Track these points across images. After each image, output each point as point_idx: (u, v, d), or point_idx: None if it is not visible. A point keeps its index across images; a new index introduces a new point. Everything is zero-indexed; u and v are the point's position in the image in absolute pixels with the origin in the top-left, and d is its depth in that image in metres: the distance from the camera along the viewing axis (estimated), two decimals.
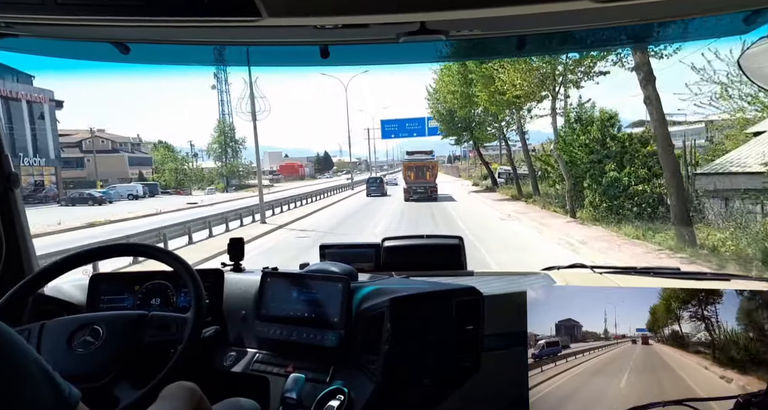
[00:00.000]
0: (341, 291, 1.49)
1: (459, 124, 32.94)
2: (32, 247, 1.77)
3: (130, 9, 1.10)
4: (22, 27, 1.29)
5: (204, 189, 61.21)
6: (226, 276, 1.75)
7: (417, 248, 2.22)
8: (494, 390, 1.47)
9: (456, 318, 1.41)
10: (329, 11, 1.14)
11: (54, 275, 1.44)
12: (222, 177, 66.76)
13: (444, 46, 1.68)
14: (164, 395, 1.09)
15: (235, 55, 1.74)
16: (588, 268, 1.99)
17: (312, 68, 1.87)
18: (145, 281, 1.73)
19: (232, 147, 69.58)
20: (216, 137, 69.75)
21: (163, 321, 1.42)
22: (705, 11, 1.36)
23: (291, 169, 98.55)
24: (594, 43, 1.79)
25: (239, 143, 70.91)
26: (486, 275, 2.07)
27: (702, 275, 1.80)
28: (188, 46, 1.56)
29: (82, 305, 1.70)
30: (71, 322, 1.40)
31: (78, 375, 1.26)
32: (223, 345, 1.62)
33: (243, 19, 1.13)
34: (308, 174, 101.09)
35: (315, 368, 1.44)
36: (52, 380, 0.74)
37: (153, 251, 1.49)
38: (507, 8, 1.13)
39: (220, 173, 67.76)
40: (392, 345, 1.33)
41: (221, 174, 67.62)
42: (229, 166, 67.90)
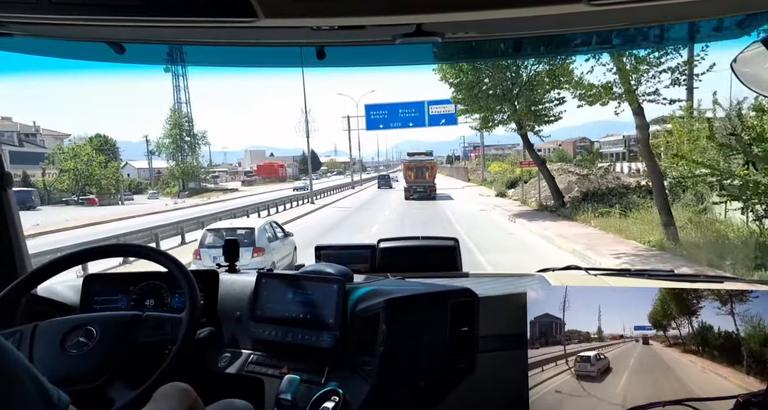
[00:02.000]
0: (336, 292, 1.49)
1: (492, 90, 18.93)
2: (25, 247, 1.76)
3: (126, 9, 1.10)
4: (16, 26, 1.29)
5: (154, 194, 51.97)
6: (221, 277, 1.75)
7: (412, 249, 2.22)
8: (494, 391, 1.47)
9: (451, 319, 1.41)
10: (325, 12, 1.14)
11: (47, 275, 1.43)
12: (176, 179, 55.49)
13: (440, 48, 1.68)
14: (158, 396, 1.09)
15: (232, 56, 1.73)
16: (583, 270, 2.00)
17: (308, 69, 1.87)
18: (139, 282, 1.72)
19: (189, 143, 57.18)
20: (169, 130, 56.50)
21: (157, 322, 1.42)
22: (700, 15, 1.37)
23: (269, 169, 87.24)
24: (589, 46, 1.80)
25: (198, 138, 58.45)
26: (481, 276, 2.08)
27: (695, 277, 1.81)
28: (184, 47, 1.55)
29: (75, 306, 1.69)
30: (64, 323, 1.39)
31: (71, 376, 1.25)
32: (218, 346, 1.62)
33: (239, 19, 1.13)
34: (291, 175, 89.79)
35: (310, 369, 1.44)
36: (41, 386, 0.74)
37: (147, 252, 1.48)
38: (502, 11, 1.13)
39: (172, 174, 55.88)
40: (387, 346, 1.33)
41: (173, 175, 55.79)
42: (182, 166, 55.63)
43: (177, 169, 55.64)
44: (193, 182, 56.50)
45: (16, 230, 1.71)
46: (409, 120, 40.78)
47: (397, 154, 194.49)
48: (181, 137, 56.51)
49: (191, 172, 56.09)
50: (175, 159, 56.31)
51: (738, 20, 1.41)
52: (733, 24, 1.43)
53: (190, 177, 56.15)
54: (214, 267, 1.85)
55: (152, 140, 59.05)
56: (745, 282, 1.85)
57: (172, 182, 55.72)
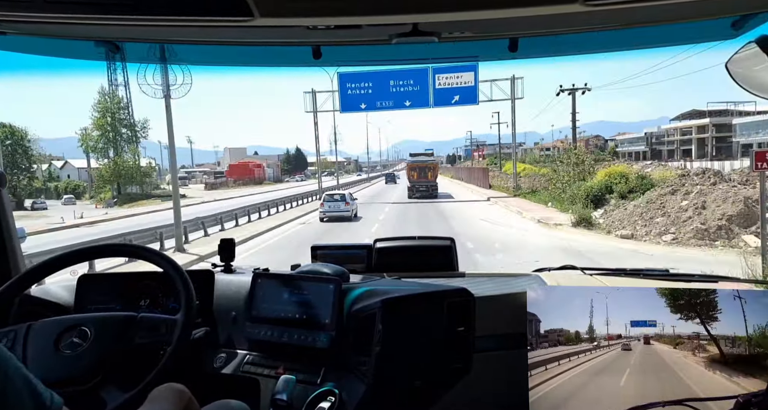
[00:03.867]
0: (333, 292, 1.48)
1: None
2: (19, 247, 1.75)
3: (120, 7, 1.09)
4: (9, 25, 1.28)
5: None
6: (217, 277, 1.74)
7: (409, 249, 2.22)
8: (494, 390, 1.47)
9: (447, 319, 1.41)
10: (322, 12, 1.14)
11: (41, 276, 1.43)
12: (110, 182, 43.18)
13: (436, 47, 1.68)
14: (153, 397, 1.09)
15: (227, 55, 1.73)
16: (578, 270, 2.00)
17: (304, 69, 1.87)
18: (134, 282, 1.71)
19: (125, 136, 44.03)
20: (97, 119, 42.82)
21: (152, 323, 1.41)
22: (694, 16, 1.38)
23: (243, 170, 73.85)
24: (585, 46, 1.80)
25: (138, 129, 44.75)
26: (477, 276, 2.08)
27: (690, 276, 1.82)
28: (179, 46, 1.55)
29: (69, 307, 1.68)
30: (59, 323, 1.38)
31: (65, 377, 1.24)
32: (213, 346, 1.61)
33: (235, 19, 1.13)
34: (272, 177, 78.62)
35: (306, 369, 1.43)
36: (34, 389, 0.73)
37: (142, 252, 1.48)
38: (498, 11, 1.14)
39: (101, 176, 43.43)
40: (384, 346, 1.32)
41: (102, 177, 43.22)
42: (115, 165, 42.66)
43: (106, 169, 42.87)
44: (134, 185, 44.06)
45: (10, 230, 1.70)
46: (405, 97, 26.73)
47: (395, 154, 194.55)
48: (114, 129, 43.09)
49: (128, 173, 42.78)
50: (107, 156, 43.70)
51: (732, 21, 1.42)
52: (727, 25, 1.44)
53: (127, 180, 43.19)
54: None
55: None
56: (740, 282, 1.86)
57: (106, 185, 44.02)
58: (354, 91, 27.58)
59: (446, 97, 27.21)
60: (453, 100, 27.47)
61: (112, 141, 43.33)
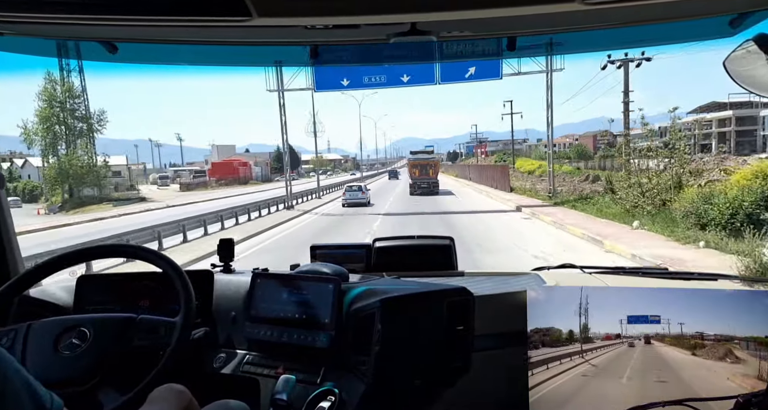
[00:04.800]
0: (332, 292, 1.48)
1: None
2: (18, 248, 1.75)
3: (118, 8, 1.09)
4: (6, 25, 1.28)
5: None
6: (216, 277, 1.74)
7: (408, 248, 2.22)
8: (493, 390, 1.48)
9: (447, 318, 1.41)
10: (319, 11, 1.14)
11: (40, 276, 1.42)
12: (59, 184, 36.67)
13: (434, 46, 1.68)
14: (153, 397, 1.09)
15: (225, 54, 1.73)
16: (577, 268, 2.01)
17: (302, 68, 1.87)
18: (134, 283, 1.71)
19: (77, 130, 37.33)
20: (43, 109, 35.74)
21: (151, 325, 1.41)
22: (692, 14, 1.38)
23: (227, 169, 67.99)
24: (583, 45, 1.81)
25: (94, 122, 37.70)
26: (477, 275, 2.08)
27: (689, 274, 1.83)
28: (177, 46, 1.54)
29: (68, 307, 1.67)
30: (58, 323, 1.38)
31: (63, 378, 1.24)
32: (213, 346, 1.61)
33: (233, 18, 1.13)
34: (260, 176, 72.96)
35: (305, 369, 1.43)
36: (34, 392, 0.73)
37: (141, 252, 1.48)
38: (497, 10, 1.14)
39: (48, 177, 37.25)
40: (383, 345, 1.33)
41: (49, 178, 37.06)
42: (62, 163, 36.26)
43: (51, 168, 36.51)
44: (89, 187, 37.39)
45: (9, 230, 1.70)
46: (402, 71, 19.75)
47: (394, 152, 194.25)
48: (63, 121, 36.29)
49: (77, 173, 36.21)
50: (56, 154, 36.84)
51: (730, 19, 1.42)
52: (725, 23, 1.44)
53: (79, 181, 36.57)
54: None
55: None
56: (739, 280, 1.87)
57: (56, 187, 37.32)
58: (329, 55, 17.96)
59: (459, 71, 20.48)
60: (467, 74, 20.80)
61: (62, 135, 36.56)
